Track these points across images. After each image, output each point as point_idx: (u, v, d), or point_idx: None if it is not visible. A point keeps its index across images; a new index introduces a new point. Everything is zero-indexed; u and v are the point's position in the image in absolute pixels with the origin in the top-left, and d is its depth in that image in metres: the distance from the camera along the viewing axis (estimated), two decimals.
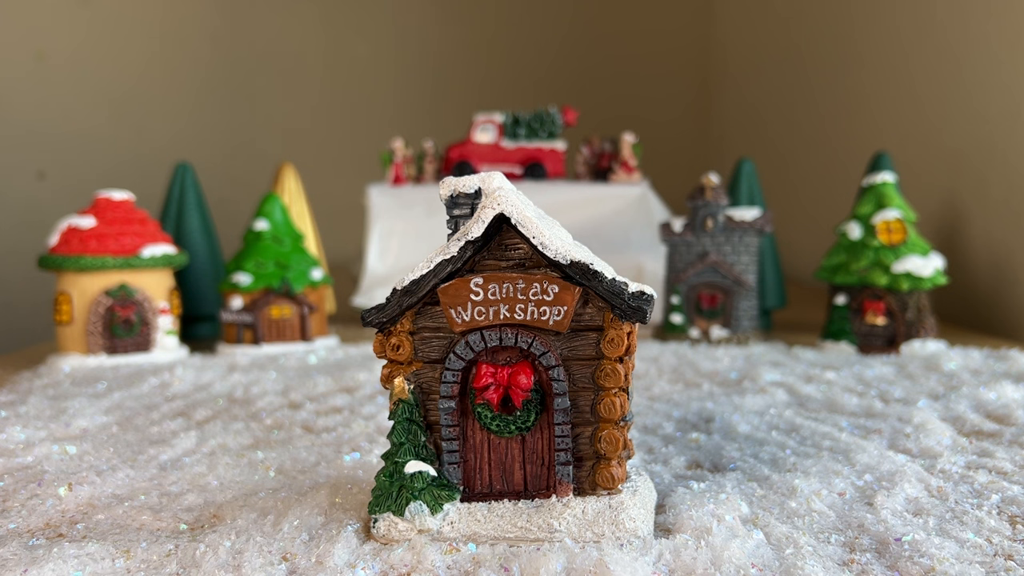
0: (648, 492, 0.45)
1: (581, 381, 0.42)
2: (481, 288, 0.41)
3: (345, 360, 0.96)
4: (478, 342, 0.42)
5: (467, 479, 0.43)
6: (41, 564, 0.39)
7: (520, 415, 0.42)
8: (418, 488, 0.42)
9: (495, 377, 0.42)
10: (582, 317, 0.41)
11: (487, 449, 0.43)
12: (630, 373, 0.42)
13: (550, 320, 0.41)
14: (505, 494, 0.43)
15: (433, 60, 2.49)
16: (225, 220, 1.33)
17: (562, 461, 0.42)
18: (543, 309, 0.41)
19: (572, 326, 0.41)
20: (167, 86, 2.17)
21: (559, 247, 0.40)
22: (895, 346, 0.95)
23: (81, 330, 0.93)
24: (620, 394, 0.41)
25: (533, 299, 0.41)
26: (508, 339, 0.41)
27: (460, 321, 0.42)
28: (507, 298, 0.41)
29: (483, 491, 0.43)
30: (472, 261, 0.42)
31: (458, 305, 0.41)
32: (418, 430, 0.42)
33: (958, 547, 0.41)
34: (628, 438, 0.42)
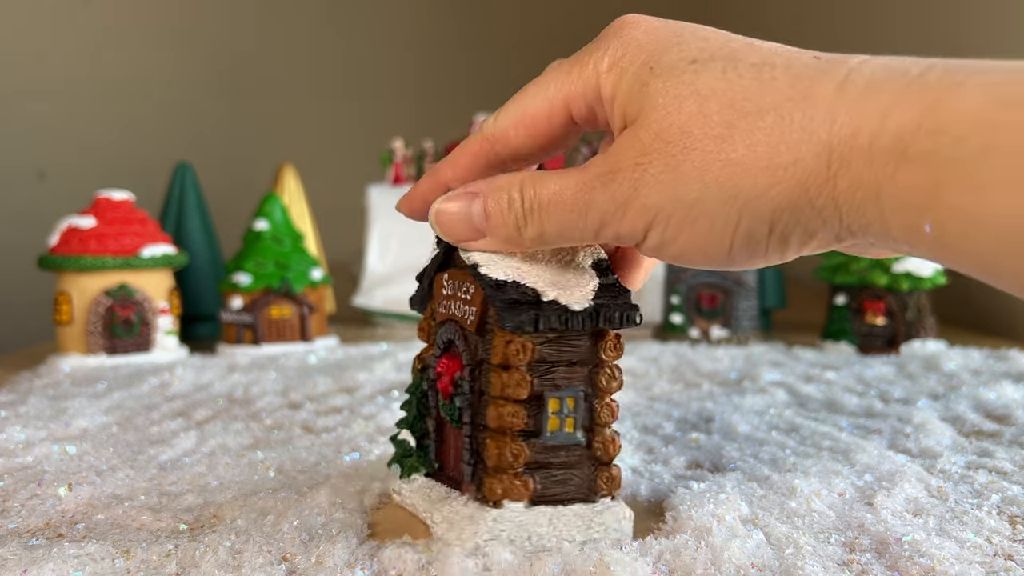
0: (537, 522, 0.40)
1: (484, 385, 0.41)
2: (447, 283, 0.44)
3: (345, 360, 0.96)
4: (443, 333, 0.44)
5: (441, 458, 0.46)
6: (41, 564, 0.38)
7: (446, 406, 0.44)
8: (399, 454, 0.47)
9: (445, 368, 0.44)
10: (487, 320, 0.41)
11: (452, 435, 0.45)
12: (516, 387, 0.39)
13: (468, 319, 0.41)
14: (455, 480, 0.44)
15: (433, 60, 2.49)
16: (225, 220, 1.33)
17: (464, 460, 0.43)
18: (465, 308, 0.42)
19: (484, 328, 0.41)
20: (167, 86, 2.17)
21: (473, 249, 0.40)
22: (895, 346, 0.95)
23: (81, 330, 0.93)
24: (506, 405, 0.39)
25: (462, 297, 0.42)
26: (450, 334, 0.44)
27: (440, 312, 0.45)
28: (454, 295, 0.43)
29: (449, 472, 0.45)
30: (450, 257, 0.44)
31: (438, 298, 0.45)
32: (419, 406, 0.46)
33: (958, 547, 0.41)
34: (521, 453, 0.40)
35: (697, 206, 0.33)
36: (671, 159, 0.33)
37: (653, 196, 0.34)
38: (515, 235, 0.38)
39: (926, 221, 0.29)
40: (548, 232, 0.37)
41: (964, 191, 0.28)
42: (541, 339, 0.40)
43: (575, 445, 0.41)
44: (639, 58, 0.35)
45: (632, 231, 0.35)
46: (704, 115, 0.33)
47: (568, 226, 0.37)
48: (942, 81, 0.29)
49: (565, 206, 0.36)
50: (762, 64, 0.33)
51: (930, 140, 0.29)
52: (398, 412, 0.70)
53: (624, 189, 0.35)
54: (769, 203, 0.32)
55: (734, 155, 0.32)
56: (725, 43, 0.35)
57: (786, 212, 0.32)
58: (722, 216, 0.33)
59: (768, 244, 0.34)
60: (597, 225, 0.36)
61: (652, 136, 0.34)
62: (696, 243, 0.35)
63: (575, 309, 0.39)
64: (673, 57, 0.34)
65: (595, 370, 0.41)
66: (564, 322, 0.38)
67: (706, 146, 0.33)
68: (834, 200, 0.31)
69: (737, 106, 0.32)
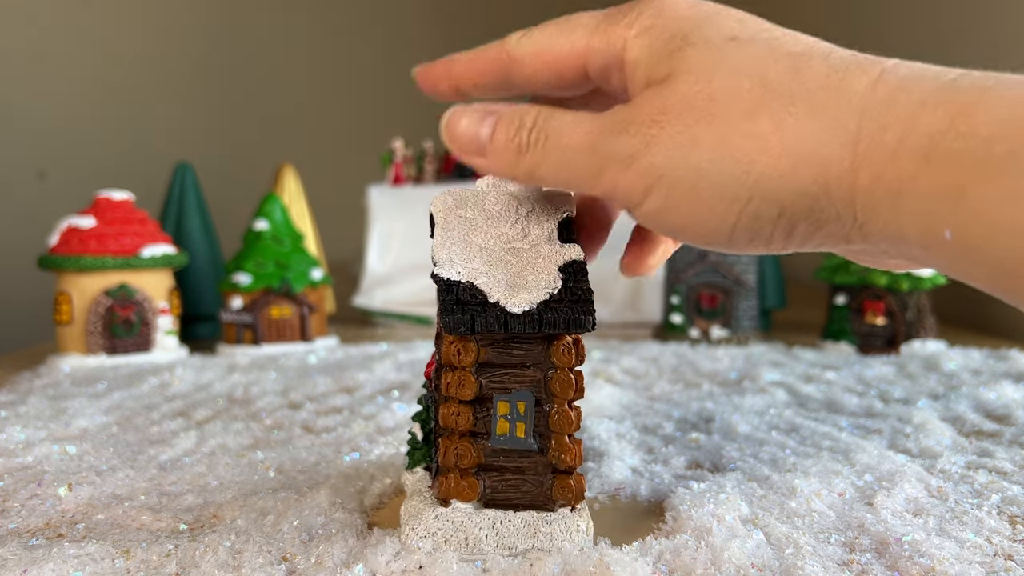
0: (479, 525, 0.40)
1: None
2: None
3: (345, 360, 0.96)
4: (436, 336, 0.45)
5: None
6: (41, 564, 0.38)
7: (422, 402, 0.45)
8: (410, 446, 0.46)
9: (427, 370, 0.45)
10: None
11: None
12: (460, 387, 0.39)
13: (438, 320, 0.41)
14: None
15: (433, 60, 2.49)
16: (225, 220, 1.33)
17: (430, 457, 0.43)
18: (436, 309, 0.41)
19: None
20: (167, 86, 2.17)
21: (438, 250, 0.40)
22: (895, 346, 0.95)
23: (81, 330, 0.93)
24: (451, 404, 0.39)
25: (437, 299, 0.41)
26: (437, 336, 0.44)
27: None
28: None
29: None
30: None
31: None
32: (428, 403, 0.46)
33: (958, 547, 0.41)
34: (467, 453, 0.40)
35: (708, 176, 0.32)
36: (692, 123, 0.32)
37: (663, 156, 0.33)
38: (513, 160, 0.37)
39: (946, 226, 0.29)
40: (546, 166, 0.36)
41: (990, 195, 0.28)
42: (488, 341, 0.39)
43: (528, 450, 0.40)
44: (673, 27, 0.34)
45: (632, 188, 0.34)
46: (735, 89, 0.32)
47: (567, 165, 0.35)
48: (974, 86, 0.29)
49: (571, 143, 0.35)
50: (800, 53, 0.33)
51: (959, 142, 0.28)
52: (398, 412, 0.71)
53: (635, 142, 0.33)
54: (785, 186, 0.31)
55: (758, 132, 0.32)
56: (763, 28, 0.34)
57: (800, 198, 0.32)
58: (732, 191, 0.32)
59: (774, 229, 0.33)
60: (596, 171, 0.35)
61: (677, 97, 0.33)
62: (698, 215, 0.33)
63: (514, 312, 0.38)
64: (710, 31, 0.34)
65: (550, 375, 0.40)
66: (503, 325, 0.38)
67: (731, 118, 0.32)
68: (852, 195, 0.31)
69: (770, 87, 0.32)
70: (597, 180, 0.35)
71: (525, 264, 0.40)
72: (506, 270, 0.40)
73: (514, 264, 0.40)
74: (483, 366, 0.40)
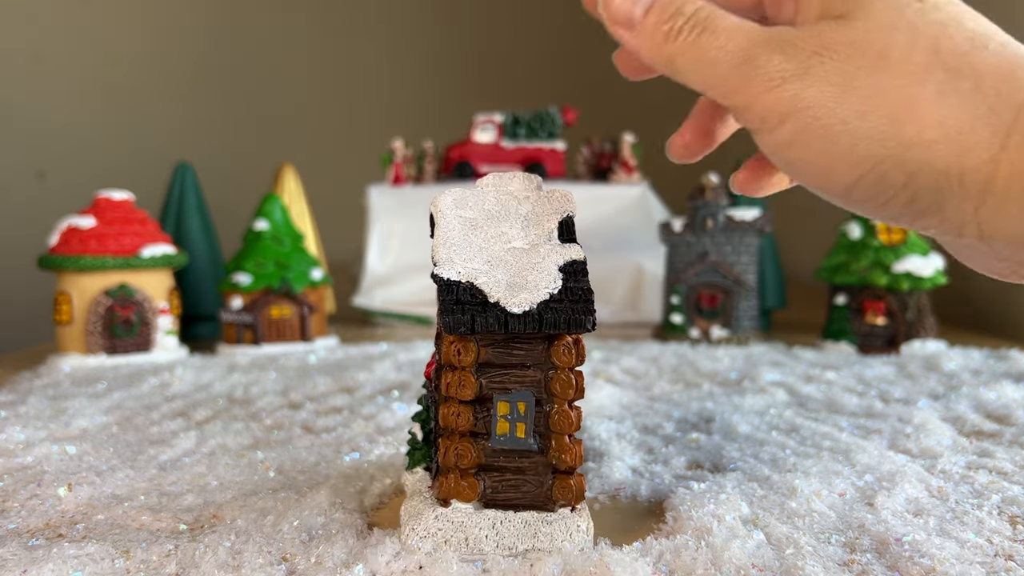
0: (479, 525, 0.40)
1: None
2: None
3: (345, 360, 0.96)
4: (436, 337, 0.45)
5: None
6: (41, 564, 0.38)
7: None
8: (410, 446, 0.46)
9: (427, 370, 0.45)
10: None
11: None
12: (459, 387, 0.39)
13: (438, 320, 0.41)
14: None
15: (433, 60, 2.49)
16: (225, 220, 1.33)
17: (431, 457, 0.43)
18: (436, 309, 0.41)
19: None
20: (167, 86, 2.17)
21: (438, 251, 0.40)
22: (895, 346, 0.95)
23: (81, 330, 0.93)
24: (451, 404, 0.39)
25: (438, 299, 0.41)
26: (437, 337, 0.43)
27: None
28: None
29: None
30: None
31: None
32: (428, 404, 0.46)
33: (958, 547, 0.41)
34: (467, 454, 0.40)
35: (850, 124, 0.32)
36: (853, 68, 0.32)
37: (813, 90, 0.32)
38: (659, 43, 0.35)
39: None
40: (690, 58, 0.34)
41: None
42: (488, 341, 0.39)
43: (528, 450, 0.40)
44: None
45: (769, 111, 0.33)
46: (908, 50, 0.32)
47: (712, 64, 0.34)
48: None
49: (724, 45, 0.34)
50: (980, 33, 0.32)
51: None
52: (398, 412, 0.71)
53: (790, 66, 0.32)
54: (922, 157, 0.31)
55: (917, 98, 0.31)
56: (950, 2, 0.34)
57: (932, 173, 0.31)
58: (869, 146, 0.32)
59: (894, 195, 0.32)
60: (740, 82, 0.33)
61: (847, 38, 0.32)
62: (826, 160, 0.33)
63: (514, 312, 0.38)
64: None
65: (550, 375, 0.40)
66: (503, 325, 0.38)
67: (894, 78, 0.31)
68: (986, 185, 0.31)
69: (942, 57, 0.32)
70: (737, 91, 0.34)
71: (525, 264, 0.40)
72: (506, 270, 0.40)
73: (514, 264, 0.40)
74: (483, 366, 0.40)
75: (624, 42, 0.37)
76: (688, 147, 0.42)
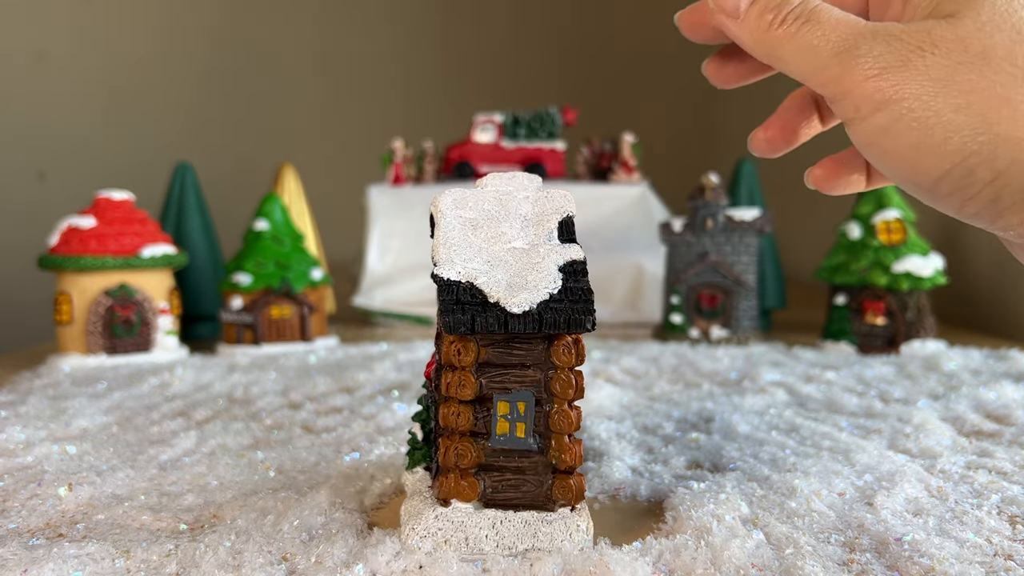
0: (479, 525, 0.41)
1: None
2: None
3: (345, 360, 0.96)
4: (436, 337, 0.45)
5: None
6: (41, 564, 0.39)
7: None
8: (411, 446, 0.46)
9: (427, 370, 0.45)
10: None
11: None
12: (459, 387, 0.39)
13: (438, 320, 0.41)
14: None
15: (433, 60, 2.49)
16: (225, 220, 1.33)
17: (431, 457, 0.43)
18: (436, 309, 0.41)
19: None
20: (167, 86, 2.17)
21: (438, 250, 0.40)
22: (895, 346, 0.95)
23: (81, 330, 0.93)
24: (451, 404, 0.40)
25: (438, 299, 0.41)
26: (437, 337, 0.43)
27: None
28: None
29: None
30: None
31: None
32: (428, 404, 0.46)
33: (958, 547, 0.41)
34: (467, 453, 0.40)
35: (944, 117, 0.32)
36: (954, 64, 0.32)
37: (913, 82, 0.32)
38: (763, 31, 0.36)
39: None
40: (792, 45, 0.35)
41: None
42: (488, 341, 0.39)
43: (528, 450, 0.40)
44: None
45: (866, 99, 0.33)
46: (1012, 51, 0.32)
47: (814, 51, 0.35)
48: None
49: (828, 34, 0.34)
50: None
51: None
52: (398, 412, 0.71)
53: (892, 57, 0.33)
54: (1012, 153, 0.31)
55: (1011, 99, 0.32)
56: None
57: (1020, 171, 0.32)
58: (962, 140, 0.32)
59: (981, 191, 0.33)
60: (840, 69, 0.34)
61: (952, 36, 0.33)
62: (917, 152, 0.33)
63: (514, 312, 0.38)
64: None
65: (550, 375, 0.40)
66: (503, 324, 0.38)
67: (993, 75, 0.32)
68: None
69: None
70: (836, 79, 0.34)
71: (525, 264, 0.40)
72: (506, 270, 0.40)
73: (514, 264, 0.40)
74: (483, 366, 0.40)
75: (728, 31, 0.38)
76: (771, 142, 0.43)
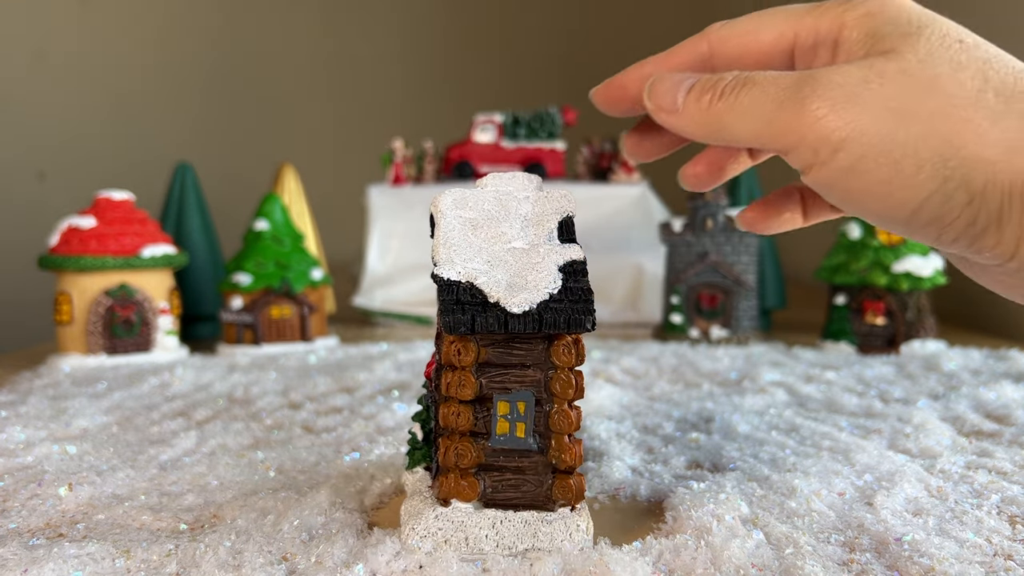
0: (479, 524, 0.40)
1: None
2: None
3: (345, 360, 0.96)
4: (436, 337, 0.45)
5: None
6: (41, 564, 0.39)
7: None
8: (410, 446, 0.46)
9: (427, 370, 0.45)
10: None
11: None
12: (459, 387, 0.39)
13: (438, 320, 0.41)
14: None
15: (433, 60, 2.49)
16: (225, 220, 1.33)
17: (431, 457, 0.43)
18: (436, 309, 0.41)
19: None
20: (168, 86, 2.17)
21: (438, 251, 0.40)
22: (895, 346, 0.95)
23: (81, 330, 0.93)
24: (451, 404, 0.40)
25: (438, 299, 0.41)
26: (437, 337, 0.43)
27: None
28: None
29: None
30: None
31: None
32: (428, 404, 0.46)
33: (958, 547, 0.41)
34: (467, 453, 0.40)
35: (909, 147, 0.31)
36: (907, 93, 0.32)
37: (867, 117, 0.32)
38: (704, 111, 0.36)
39: None
40: (736, 111, 0.35)
41: None
42: (488, 341, 0.39)
43: (528, 450, 0.40)
44: (904, 15, 0.34)
45: (823, 140, 0.32)
46: (958, 78, 0.32)
47: (757, 108, 0.34)
48: None
49: (767, 89, 0.34)
50: (1021, 69, 0.33)
51: None
52: (398, 412, 0.71)
53: (838, 94, 0.32)
54: (986, 173, 0.31)
55: (973, 119, 0.31)
56: (985, 42, 0.34)
57: (996, 191, 0.31)
58: (931, 169, 0.31)
59: (958, 216, 0.32)
60: (788, 120, 0.33)
61: (895, 68, 0.32)
62: (889, 186, 0.32)
63: (514, 312, 0.38)
64: (940, 30, 0.34)
65: (550, 375, 0.40)
66: (503, 324, 0.38)
67: (949, 99, 0.32)
68: None
69: (992, 84, 0.32)
70: (787, 128, 0.33)
71: (525, 264, 0.40)
72: (506, 270, 0.40)
73: (514, 264, 0.40)
74: (483, 366, 0.40)
75: (672, 126, 0.38)
76: (698, 177, 0.43)
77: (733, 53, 0.38)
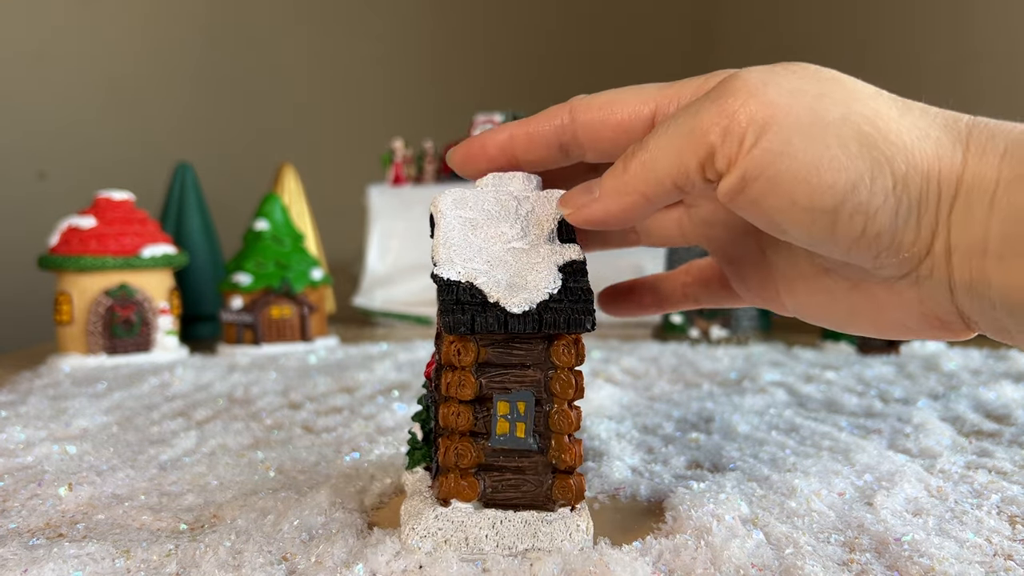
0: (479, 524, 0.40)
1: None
2: None
3: (345, 360, 0.96)
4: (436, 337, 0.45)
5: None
6: (41, 564, 0.39)
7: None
8: (410, 446, 0.46)
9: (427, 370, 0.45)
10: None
11: None
12: (459, 387, 0.39)
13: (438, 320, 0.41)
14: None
15: (433, 60, 2.49)
16: (225, 220, 1.33)
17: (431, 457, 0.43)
18: (436, 309, 0.41)
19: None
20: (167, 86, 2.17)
21: (438, 251, 0.40)
22: (895, 346, 0.95)
23: (81, 330, 0.93)
24: (451, 404, 0.39)
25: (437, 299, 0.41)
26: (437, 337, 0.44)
27: None
28: None
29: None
30: None
31: None
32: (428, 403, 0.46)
33: (958, 547, 0.41)
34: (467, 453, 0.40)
35: (835, 126, 0.32)
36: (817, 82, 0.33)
37: (787, 99, 0.32)
38: (619, 179, 0.36)
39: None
40: (649, 157, 0.35)
41: None
42: (488, 341, 0.39)
43: (528, 450, 0.40)
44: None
45: (750, 119, 0.32)
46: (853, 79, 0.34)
47: (668, 144, 0.34)
48: None
49: (668, 127, 0.35)
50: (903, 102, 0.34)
51: None
52: (398, 412, 0.71)
53: (753, 83, 0.33)
54: (908, 157, 0.32)
55: (882, 110, 0.32)
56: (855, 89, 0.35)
57: (918, 175, 0.32)
58: (857, 147, 0.32)
59: (884, 201, 0.32)
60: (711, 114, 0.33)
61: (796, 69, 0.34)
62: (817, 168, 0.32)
63: (514, 312, 0.38)
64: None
65: (550, 375, 0.40)
66: (503, 324, 0.38)
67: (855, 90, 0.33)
68: (955, 189, 0.32)
69: (884, 95, 0.34)
70: (711, 123, 0.33)
71: (525, 264, 0.40)
72: (506, 270, 0.40)
73: (514, 264, 0.40)
74: (483, 366, 0.40)
75: (592, 216, 0.38)
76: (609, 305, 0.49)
77: (593, 121, 0.39)
